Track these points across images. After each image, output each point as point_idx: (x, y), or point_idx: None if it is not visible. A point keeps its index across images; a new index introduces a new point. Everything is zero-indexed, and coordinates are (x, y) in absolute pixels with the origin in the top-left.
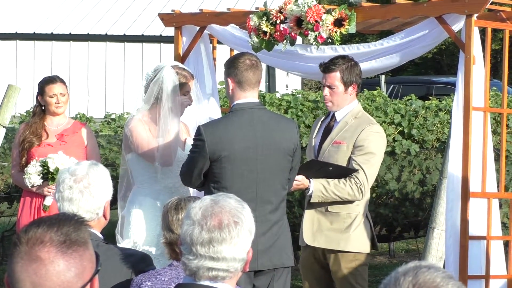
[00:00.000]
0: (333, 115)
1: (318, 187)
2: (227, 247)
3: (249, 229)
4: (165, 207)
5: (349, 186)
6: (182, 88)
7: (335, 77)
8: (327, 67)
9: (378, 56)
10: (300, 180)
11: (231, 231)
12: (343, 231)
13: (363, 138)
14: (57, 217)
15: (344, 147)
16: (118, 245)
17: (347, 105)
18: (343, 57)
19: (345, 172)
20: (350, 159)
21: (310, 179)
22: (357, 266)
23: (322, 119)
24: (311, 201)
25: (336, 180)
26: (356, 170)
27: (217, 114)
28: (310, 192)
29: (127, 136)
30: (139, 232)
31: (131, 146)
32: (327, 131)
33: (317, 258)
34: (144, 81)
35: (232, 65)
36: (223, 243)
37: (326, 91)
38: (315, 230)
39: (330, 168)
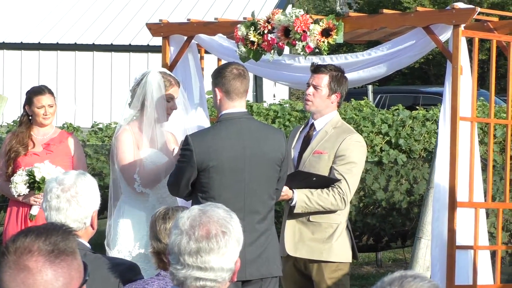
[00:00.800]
0: (312, 124)
1: (301, 198)
2: (215, 257)
3: (237, 239)
4: (153, 216)
5: (332, 196)
6: (166, 94)
7: (323, 79)
8: (318, 68)
9: (366, 66)
10: (284, 191)
11: (219, 241)
12: (325, 241)
13: (345, 148)
14: (45, 227)
15: (326, 157)
16: (107, 254)
17: (327, 114)
18: (336, 66)
19: (327, 182)
20: (331, 168)
21: (293, 190)
22: (340, 276)
23: (300, 129)
24: (295, 211)
25: (319, 190)
26: (338, 180)
27: (205, 123)
28: (293, 202)
29: (113, 147)
30: (127, 241)
31: (115, 160)
32: (306, 140)
33: (298, 268)
34: (132, 86)
35: (219, 74)
36: (211, 253)
37: (310, 90)
38: (297, 241)
39: (314, 179)
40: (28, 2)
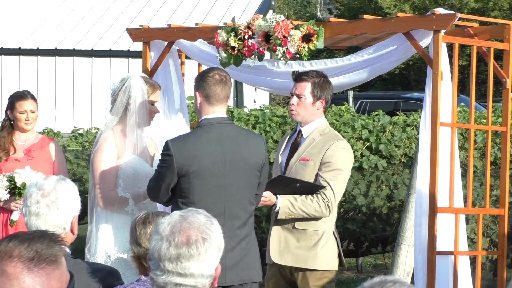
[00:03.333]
0: (300, 131)
1: (285, 204)
2: (195, 263)
3: (217, 245)
4: (133, 221)
5: (316, 203)
6: (149, 97)
7: (305, 87)
8: (299, 76)
9: (346, 71)
10: (267, 196)
11: (199, 248)
12: (310, 248)
13: (331, 154)
14: (32, 233)
15: (311, 164)
16: (87, 259)
17: (314, 121)
18: (317, 71)
19: (312, 188)
20: (317, 175)
21: (277, 195)
22: (325, 284)
23: (288, 136)
24: (278, 217)
25: (303, 196)
26: (323, 187)
27: (185, 129)
28: (277, 208)
29: (92, 155)
30: (107, 246)
31: (92, 171)
32: (294, 147)
33: (283, 275)
34: (110, 92)
35: (201, 79)
36: (191, 259)
37: (294, 100)
38: (282, 248)
39: (298, 185)
40: (8, 7)
